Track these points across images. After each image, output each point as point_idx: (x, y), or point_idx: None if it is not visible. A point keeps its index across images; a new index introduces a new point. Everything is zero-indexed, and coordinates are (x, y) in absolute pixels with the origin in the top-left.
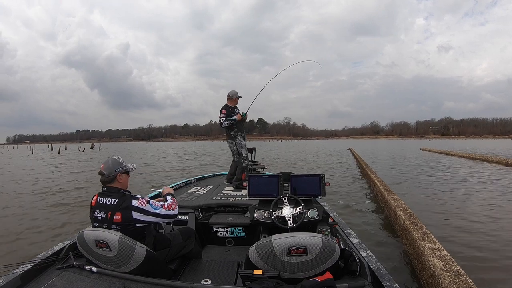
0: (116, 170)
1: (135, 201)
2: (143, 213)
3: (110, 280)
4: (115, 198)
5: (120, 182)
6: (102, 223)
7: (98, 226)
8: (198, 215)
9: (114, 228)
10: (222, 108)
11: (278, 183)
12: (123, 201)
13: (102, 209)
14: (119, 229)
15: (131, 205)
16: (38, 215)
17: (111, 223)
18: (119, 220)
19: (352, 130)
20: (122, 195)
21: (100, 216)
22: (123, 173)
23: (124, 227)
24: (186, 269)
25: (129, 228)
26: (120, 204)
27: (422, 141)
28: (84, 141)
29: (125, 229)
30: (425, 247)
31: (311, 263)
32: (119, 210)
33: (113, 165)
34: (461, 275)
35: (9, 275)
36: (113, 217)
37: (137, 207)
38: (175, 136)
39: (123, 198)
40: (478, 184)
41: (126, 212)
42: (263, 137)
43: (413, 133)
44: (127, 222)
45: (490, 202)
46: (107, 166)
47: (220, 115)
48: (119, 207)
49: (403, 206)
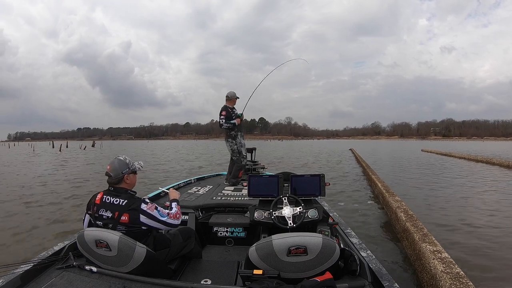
0: (123, 172)
1: (144, 205)
2: (150, 218)
3: (110, 280)
4: (124, 199)
5: (128, 183)
6: (107, 222)
7: (102, 225)
8: (198, 215)
9: (120, 229)
10: (222, 110)
11: (278, 183)
12: (132, 203)
13: (108, 208)
14: (124, 229)
15: (140, 208)
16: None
17: (118, 223)
18: (126, 221)
19: (354, 131)
20: (130, 196)
21: (106, 215)
22: (130, 173)
23: (129, 228)
24: (186, 269)
25: (134, 230)
26: (129, 205)
27: (423, 142)
28: (85, 138)
29: (130, 231)
30: (426, 249)
31: (311, 263)
32: (127, 211)
33: (120, 167)
34: (461, 278)
35: (9, 275)
36: (120, 217)
37: (146, 211)
38: (176, 135)
39: (132, 200)
40: (478, 185)
41: (134, 214)
42: (264, 137)
43: (414, 134)
44: (134, 224)
45: (492, 205)
46: (114, 168)
47: (220, 116)
48: (128, 208)
49: (404, 208)
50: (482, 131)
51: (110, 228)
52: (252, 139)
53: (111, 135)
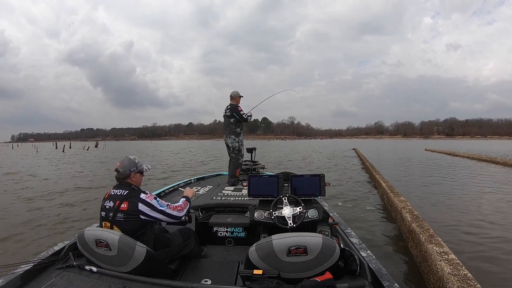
0: (131, 170)
1: (143, 194)
2: (149, 207)
3: (110, 280)
4: (126, 190)
5: (134, 180)
6: (108, 212)
7: (104, 216)
8: (198, 215)
9: (119, 217)
10: (235, 107)
11: (278, 183)
12: (133, 193)
13: (111, 199)
14: (123, 217)
15: (138, 197)
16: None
17: (117, 211)
18: (125, 208)
19: (357, 130)
20: (132, 189)
21: (108, 205)
22: (137, 172)
23: (128, 216)
24: (186, 269)
25: (133, 219)
26: (130, 195)
27: (426, 142)
28: (88, 139)
29: (129, 219)
30: (432, 250)
31: (311, 263)
32: (127, 200)
33: (129, 165)
34: (469, 280)
35: (9, 275)
36: (120, 205)
37: (144, 200)
38: (179, 135)
39: (133, 191)
40: (483, 185)
41: (133, 202)
42: (267, 137)
43: (418, 133)
44: (133, 212)
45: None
46: (123, 165)
47: (239, 111)
48: (128, 197)
49: (410, 208)
50: (486, 130)
51: (111, 217)
52: (255, 139)
53: (114, 136)
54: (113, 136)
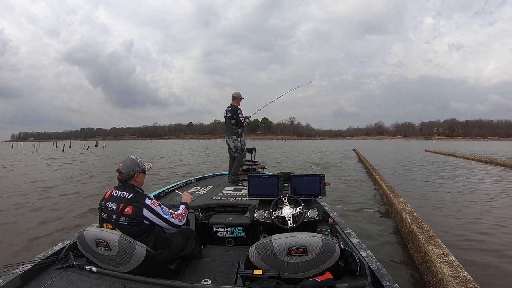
0: (134, 170)
1: (148, 200)
2: (153, 214)
3: (110, 280)
4: (130, 193)
5: (137, 181)
6: (111, 214)
7: (106, 217)
8: (198, 215)
9: (123, 220)
10: (235, 109)
11: (278, 183)
12: (138, 197)
13: (114, 201)
14: (127, 221)
15: (144, 202)
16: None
17: (121, 214)
18: (129, 213)
19: (357, 131)
20: (136, 192)
21: (111, 207)
22: (140, 172)
23: (132, 220)
24: (186, 269)
25: (136, 224)
26: (134, 199)
27: (426, 142)
28: (88, 139)
29: (132, 223)
30: (432, 252)
31: (311, 263)
32: (131, 204)
33: (132, 165)
34: (469, 282)
35: (9, 275)
36: (124, 209)
37: (149, 206)
38: (179, 135)
39: (137, 195)
40: (482, 185)
41: (138, 207)
42: (267, 137)
43: (418, 134)
44: (136, 217)
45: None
46: (126, 166)
47: (238, 115)
48: (133, 201)
49: (409, 209)
50: (486, 131)
51: (114, 219)
52: (255, 139)
53: (114, 135)
54: (113, 135)
